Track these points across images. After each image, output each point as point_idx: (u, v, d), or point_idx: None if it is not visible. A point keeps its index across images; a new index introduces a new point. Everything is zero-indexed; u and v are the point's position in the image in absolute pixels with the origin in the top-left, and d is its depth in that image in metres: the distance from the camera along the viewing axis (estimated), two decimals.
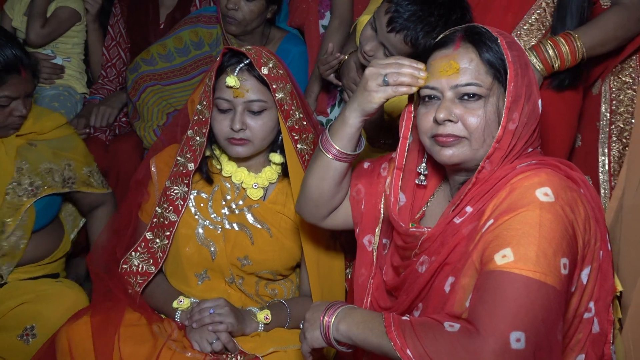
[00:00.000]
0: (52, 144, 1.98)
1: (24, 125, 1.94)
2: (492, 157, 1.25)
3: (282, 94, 1.61)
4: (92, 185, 2.04)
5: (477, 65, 1.26)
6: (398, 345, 1.14)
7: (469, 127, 1.26)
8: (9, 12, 2.58)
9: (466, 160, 1.29)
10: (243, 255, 1.68)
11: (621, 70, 1.77)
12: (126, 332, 1.56)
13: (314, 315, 1.28)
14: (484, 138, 1.26)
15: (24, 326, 1.82)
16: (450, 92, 1.27)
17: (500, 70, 1.26)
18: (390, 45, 1.71)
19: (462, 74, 1.26)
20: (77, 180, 2.00)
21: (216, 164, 1.72)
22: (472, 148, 1.27)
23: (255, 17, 2.22)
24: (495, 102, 1.26)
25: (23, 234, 1.91)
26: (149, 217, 1.71)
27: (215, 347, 1.54)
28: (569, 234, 1.17)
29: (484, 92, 1.26)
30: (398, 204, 1.39)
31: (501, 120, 1.23)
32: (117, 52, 2.65)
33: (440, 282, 1.26)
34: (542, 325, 1.11)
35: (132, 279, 1.68)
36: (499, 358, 1.07)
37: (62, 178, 1.97)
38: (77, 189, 2.00)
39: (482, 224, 1.21)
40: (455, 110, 1.26)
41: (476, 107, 1.26)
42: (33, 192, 1.91)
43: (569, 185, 1.22)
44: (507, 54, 1.25)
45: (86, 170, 2.04)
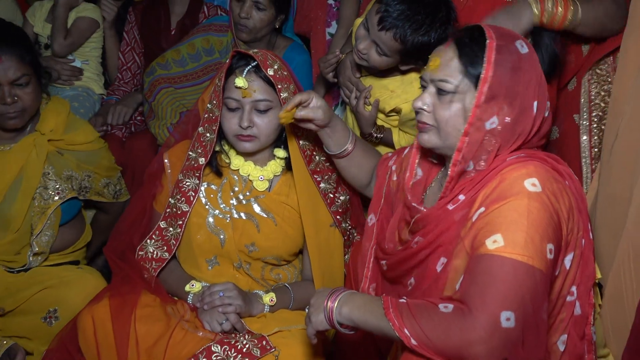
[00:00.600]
0: (78, 156, 2.01)
1: (57, 132, 1.96)
2: (464, 152, 1.28)
3: (286, 93, 1.65)
4: (103, 195, 2.07)
5: (455, 64, 1.30)
6: (396, 325, 1.19)
7: (436, 117, 1.32)
8: (31, 19, 2.63)
9: (437, 147, 1.36)
10: (250, 242, 1.73)
11: (597, 66, 1.82)
12: (142, 313, 1.61)
13: (318, 301, 1.32)
14: (449, 130, 1.31)
15: (47, 309, 1.87)
16: (431, 85, 1.34)
17: (476, 73, 1.28)
18: (381, 43, 1.77)
19: (440, 70, 1.31)
20: (91, 190, 2.03)
21: (225, 158, 1.77)
22: (440, 137, 1.33)
23: (265, 25, 2.30)
24: (463, 99, 1.29)
25: (52, 233, 1.95)
26: (163, 207, 1.75)
27: (225, 327, 1.60)
28: (554, 222, 1.21)
29: (451, 89, 1.30)
30: (414, 179, 1.46)
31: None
32: (132, 56, 2.71)
33: (433, 262, 1.31)
34: (529, 305, 1.14)
35: (148, 265, 1.73)
36: (491, 336, 1.11)
37: (79, 187, 2.00)
38: (89, 198, 2.03)
39: (473, 211, 1.25)
40: (427, 100, 1.33)
41: (446, 101, 1.31)
42: (58, 195, 1.93)
43: (554, 177, 1.26)
44: (488, 56, 1.26)
45: (103, 182, 2.08)
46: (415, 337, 1.17)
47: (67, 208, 1.99)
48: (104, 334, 1.59)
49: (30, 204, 1.90)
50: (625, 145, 1.57)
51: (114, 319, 1.59)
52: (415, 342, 1.17)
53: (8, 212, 1.89)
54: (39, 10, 2.64)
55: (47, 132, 1.97)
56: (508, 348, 1.13)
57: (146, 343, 1.57)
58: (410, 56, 1.82)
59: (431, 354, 1.16)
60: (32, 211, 1.91)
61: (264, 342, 1.55)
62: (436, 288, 1.29)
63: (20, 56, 1.86)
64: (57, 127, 1.98)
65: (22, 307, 1.90)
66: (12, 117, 1.88)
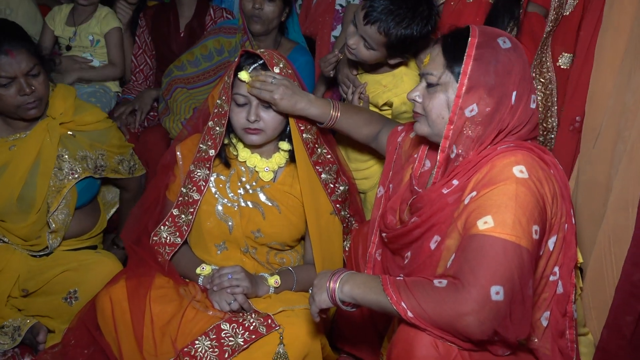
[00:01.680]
0: (90, 135, 2.05)
1: (67, 114, 2.01)
2: (450, 139, 1.36)
3: None
4: (119, 172, 2.12)
5: (439, 59, 1.39)
6: (394, 299, 1.24)
7: (425, 107, 1.41)
8: (50, 23, 2.71)
9: (428, 135, 1.44)
10: (256, 229, 1.79)
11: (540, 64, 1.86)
12: (156, 294, 1.67)
13: (320, 282, 1.38)
14: (434, 118, 1.39)
15: (68, 290, 1.94)
16: (422, 78, 1.43)
17: (458, 66, 1.36)
18: (368, 37, 1.85)
19: (429, 64, 1.41)
20: (107, 168, 2.08)
21: (233, 151, 1.83)
22: (428, 125, 1.42)
23: (276, 16, 2.42)
24: (446, 90, 1.38)
25: (68, 212, 2.00)
26: (175, 196, 1.80)
27: (233, 306, 1.66)
28: (539, 205, 1.26)
29: (434, 81, 1.39)
30: (422, 169, 1.53)
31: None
32: (144, 59, 2.81)
33: (427, 240, 1.37)
34: (517, 280, 1.20)
35: (162, 249, 1.78)
36: (481, 307, 1.17)
37: (95, 165, 2.05)
38: (106, 175, 2.08)
39: (466, 195, 1.31)
40: (418, 92, 1.42)
41: (432, 92, 1.40)
42: (73, 175, 1.99)
43: (540, 165, 1.32)
44: (469, 51, 1.34)
45: (117, 159, 2.12)
46: (412, 309, 1.22)
47: (83, 191, 2.04)
48: (121, 313, 1.65)
49: (48, 186, 1.96)
50: (606, 138, 1.63)
51: (130, 299, 1.66)
52: (411, 315, 1.22)
53: (29, 195, 1.95)
54: (58, 14, 2.72)
55: (58, 116, 2.01)
56: (497, 320, 1.18)
57: (160, 321, 1.64)
58: (395, 49, 1.90)
59: (426, 325, 1.21)
60: (48, 191, 1.96)
61: (269, 321, 1.62)
62: (430, 264, 1.35)
63: (28, 49, 1.92)
64: (66, 110, 2.02)
65: (44, 288, 1.96)
66: (32, 107, 1.93)
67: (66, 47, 2.72)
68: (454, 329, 1.21)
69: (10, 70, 1.88)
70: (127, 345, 1.65)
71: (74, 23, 2.71)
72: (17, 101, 1.91)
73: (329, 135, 1.89)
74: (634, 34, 1.61)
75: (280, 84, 1.67)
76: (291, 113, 1.72)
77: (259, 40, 2.49)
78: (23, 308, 1.99)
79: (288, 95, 1.67)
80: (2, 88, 1.89)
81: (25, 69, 1.90)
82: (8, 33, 1.92)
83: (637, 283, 1.44)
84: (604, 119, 1.67)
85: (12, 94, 1.90)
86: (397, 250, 1.51)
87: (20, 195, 1.95)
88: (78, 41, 2.72)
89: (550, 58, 1.85)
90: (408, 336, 1.25)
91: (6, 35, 1.90)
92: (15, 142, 1.99)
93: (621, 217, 1.52)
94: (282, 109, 1.69)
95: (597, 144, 1.68)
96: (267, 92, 1.66)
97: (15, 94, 1.91)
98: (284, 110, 1.70)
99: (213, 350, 1.59)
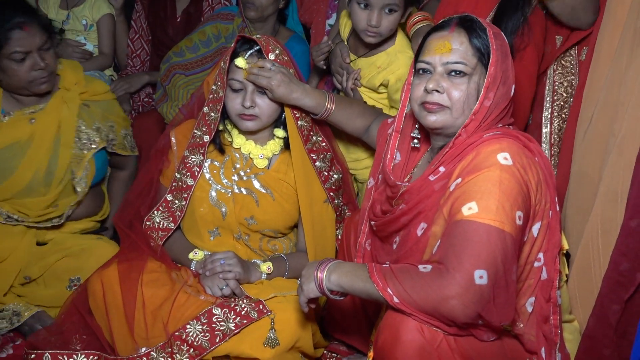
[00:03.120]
0: (102, 105, 2.08)
1: (80, 85, 2.03)
2: (469, 126, 1.38)
3: None
4: (125, 148, 2.12)
5: (466, 47, 1.40)
6: (380, 286, 1.27)
7: (452, 98, 1.39)
8: (43, 6, 2.72)
9: (446, 127, 1.42)
10: (249, 216, 1.81)
11: (563, 57, 1.91)
12: (148, 278, 1.69)
13: (308, 271, 1.41)
14: (463, 109, 1.39)
15: (69, 277, 1.94)
16: (441, 68, 1.40)
17: (485, 55, 1.39)
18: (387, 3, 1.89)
19: (453, 53, 1.39)
20: (117, 142, 2.09)
21: (227, 137, 1.85)
22: (452, 117, 1.41)
23: (270, 3, 2.45)
24: (477, 81, 1.39)
25: (86, 183, 2.02)
26: (169, 181, 1.82)
27: (225, 292, 1.69)
28: (523, 192, 1.29)
29: (468, 71, 1.39)
30: (394, 162, 1.55)
31: (479, 96, 1.38)
32: (141, 44, 2.83)
33: (414, 226, 1.40)
34: (501, 265, 1.23)
35: (155, 234, 1.80)
36: (465, 291, 1.20)
37: (107, 138, 2.06)
38: (116, 150, 2.09)
39: (451, 181, 1.34)
40: (442, 83, 1.40)
41: (460, 83, 1.39)
42: (91, 145, 2.01)
43: (525, 153, 1.35)
44: (492, 42, 1.38)
45: (123, 132, 2.14)
46: (398, 295, 1.25)
47: (101, 166, 2.08)
48: (112, 296, 1.67)
49: (70, 156, 1.99)
50: (597, 131, 1.66)
51: (122, 283, 1.68)
52: (397, 300, 1.26)
53: (54, 167, 1.97)
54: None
55: (73, 87, 2.04)
56: (481, 303, 1.22)
57: (152, 305, 1.66)
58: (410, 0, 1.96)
59: (412, 310, 1.25)
60: (71, 161, 1.99)
61: (260, 306, 1.64)
62: (417, 250, 1.38)
63: (39, 23, 1.92)
64: (79, 81, 2.05)
65: (45, 276, 1.97)
66: (44, 81, 1.94)
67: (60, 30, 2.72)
68: (439, 313, 1.24)
69: (25, 44, 1.88)
70: (119, 328, 1.67)
71: (67, 6, 2.73)
72: (30, 76, 1.92)
73: (324, 124, 1.90)
74: (628, 27, 1.63)
75: (278, 71, 1.70)
76: (286, 102, 1.75)
77: (257, 27, 2.52)
78: (24, 296, 2.00)
79: (285, 83, 1.70)
80: (16, 63, 1.89)
81: (39, 42, 1.91)
82: (19, 6, 1.92)
83: (624, 272, 1.47)
84: (595, 111, 1.70)
85: (26, 69, 1.91)
86: (385, 238, 1.55)
87: (47, 168, 1.97)
88: (71, 24, 2.75)
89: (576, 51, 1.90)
90: (394, 322, 1.28)
91: (17, 8, 1.90)
92: (35, 116, 2.00)
93: (610, 209, 1.56)
94: (277, 96, 1.72)
95: (587, 135, 1.71)
96: (264, 79, 1.69)
97: (30, 68, 1.91)
98: (280, 98, 1.73)
99: (204, 334, 1.62)
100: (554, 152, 1.91)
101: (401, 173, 1.57)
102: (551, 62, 1.94)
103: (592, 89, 1.75)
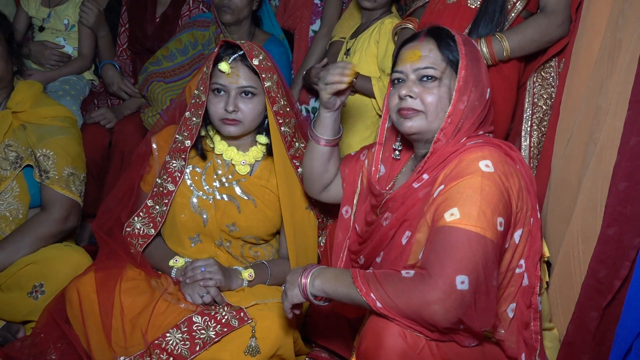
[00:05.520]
0: (41, 130, 1.94)
1: (22, 104, 1.94)
2: (446, 130, 1.44)
3: (269, 82, 1.75)
4: (68, 188, 1.95)
5: (435, 54, 1.48)
6: (363, 291, 1.30)
7: (425, 102, 1.47)
8: (25, 5, 2.71)
9: (422, 131, 1.48)
10: (231, 222, 1.82)
11: (543, 69, 1.97)
12: (127, 285, 1.69)
13: (292, 277, 1.43)
14: (437, 112, 1.46)
15: (33, 284, 1.87)
16: (413, 75, 1.48)
17: (454, 61, 1.47)
18: None
19: (422, 60, 1.48)
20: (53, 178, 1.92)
21: (209, 143, 1.86)
22: (427, 120, 1.47)
23: (245, 5, 2.51)
24: (448, 84, 1.47)
25: (20, 205, 1.94)
26: (150, 187, 1.83)
27: (206, 299, 1.68)
28: (504, 198, 1.34)
29: (438, 75, 1.46)
30: (378, 174, 1.59)
31: (452, 99, 1.45)
32: (127, 37, 2.87)
33: (399, 236, 1.44)
34: (482, 271, 1.26)
35: (135, 241, 1.81)
36: (447, 296, 1.23)
37: (38, 168, 1.92)
38: (52, 187, 1.92)
39: (435, 188, 1.38)
40: (414, 89, 1.47)
41: (432, 87, 1.47)
42: (17, 164, 1.92)
43: (506, 161, 1.40)
44: (460, 48, 1.47)
45: (68, 170, 1.96)
46: (381, 300, 1.28)
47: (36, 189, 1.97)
48: (89, 305, 1.67)
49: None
50: (579, 139, 1.71)
51: (99, 291, 1.68)
52: (380, 305, 1.28)
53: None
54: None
55: (14, 106, 1.97)
56: (462, 309, 1.25)
57: (131, 313, 1.66)
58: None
59: (395, 315, 1.27)
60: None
61: (241, 314, 1.65)
62: (401, 259, 1.41)
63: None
64: (23, 100, 1.97)
65: (7, 283, 1.92)
66: None
67: (39, 28, 2.72)
68: (421, 318, 1.27)
69: None
70: (96, 337, 1.67)
71: (48, 4, 2.72)
72: None
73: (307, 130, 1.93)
74: (607, 37, 1.68)
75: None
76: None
77: (232, 31, 2.56)
78: None
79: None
80: None
81: None
82: None
83: (602, 280, 1.51)
84: (577, 121, 1.75)
85: None
86: (370, 265, 1.57)
87: None
88: (52, 23, 2.73)
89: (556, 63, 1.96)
90: (377, 327, 1.31)
91: None
92: None
93: (589, 216, 1.60)
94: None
95: (569, 144, 1.76)
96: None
97: None
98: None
99: (184, 342, 1.62)
100: (533, 164, 1.96)
101: (385, 185, 1.62)
102: (530, 74, 2.00)
103: (570, 98, 1.80)
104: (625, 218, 1.49)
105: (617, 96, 1.59)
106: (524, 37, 1.88)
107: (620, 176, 1.51)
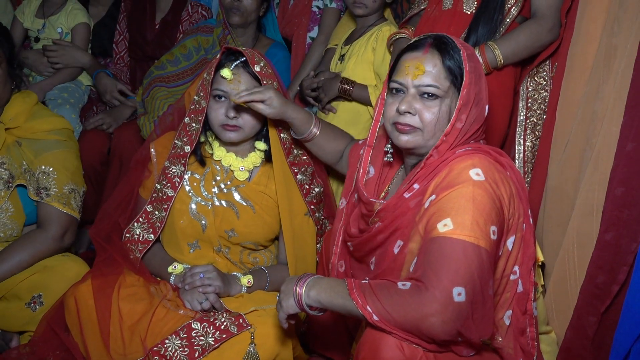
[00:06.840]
0: (37, 145, 1.89)
1: (16, 120, 1.89)
2: (440, 147, 1.42)
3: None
4: (68, 204, 1.90)
5: (439, 70, 1.43)
6: (359, 304, 1.29)
7: (424, 120, 1.44)
8: (20, 16, 2.75)
9: (418, 147, 1.47)
10: (230, 228, 1.83)
11: (536, 73, 1.98)
12: (126, 292, 1.70)
13: (287, 287, 1.42)
14: (435, 131, 1.44)
15: (32, 295, 1.86)
16: (414, 89, 1.44)
17: (457, 77, 1.43)
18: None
19: (426, 76, 1.43)
20: (54, 194, 1.86)
21: (208, 149, 1.87)
22: (424, 138, 1.45)
23: (254, 9, 2.55)
24: (449, 103, 1.43)
25: (15, 225, 1.91)
26: (149, 193, 1.84)
27: (204, 306, 1.69)
28: (496, 206, 1.34)
29: (441, 94, 1.43)
30: (367, 176, 1.58)
31: (451, 118, 1.42)
32: (124, 45, 2.91)
33: (391, 244, 1.44)
34: (478, 281, 1.26)
35: (134, 247, 1.82)
36: (444, 308, 1.23)
37: (37, 186, 1.86)
38: (52, 204, 1.87)
39: (426, 198, 1.38)
40: (415, 105, 1.44)
41: (432, 105, 1.43)
42: (10, 183, 1.88)
43: (497, 168, 1.39)
44: (465, 64, 1.42)
45: (69, 187, 1.92)
46: (377, 313, 1.27)
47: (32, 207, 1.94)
48: (87, 312, 1.68)
49: None
50: (576, 145, 1.73)
51: (96, 298, 1.68)
52: (377, 318, 1.28)
53: None
54: (28, 6, 2.77)
55: (7, 121, 1.92)
56: (460, 320, 1.25)
57: (130, 320, 1.67)
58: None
59: (392, 328, 1.27)
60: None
61: (240, 320, 1.65)
62: (395, 267, 1.41)
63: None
64: (17, 115, 1.92)
65: (8, 296, 1.91)
66: None
67: (34, 39, 2.76)
68: (419, 331, 1.26)
69: None
70: (94, 344, 1.68)
71: (43, 15, 2.77)
72: None
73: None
74: (602, 43, 1.70)
75: (269, 87, 1.76)
76: (281, 115, 1.77)
77: (238, 34, 2.60)
78: None
79: (279, 96, 1.75)
80: None
81: None
82: None
83: (600, 285, 1.53)
84: (573, 126, 1.76)
85: None
86: (362, 258, 1.58)
87: None
88: (47, 33, 2.77)
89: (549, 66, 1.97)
90: (374, 339, 1.31)
91: None
92: None
93: (586, 222, 1.61)
94: (274, 107, 1.74)
95: (566, 150, 1.77)
96: (258, 93, 1.72)
97: None
98: (276, 109, 1.75)
99: (183, 349, 1.62)
100: (527, 169, 1.97)
101: (375, 188, 1.60)
102: (524, 78, 2.01)
103: (566, 104, 1.81)
104: (623, 223, 1.50)
105: (613, 102, 1.60)
106: (516, 44, 1.89)
107: (617, 181, 1.52)
